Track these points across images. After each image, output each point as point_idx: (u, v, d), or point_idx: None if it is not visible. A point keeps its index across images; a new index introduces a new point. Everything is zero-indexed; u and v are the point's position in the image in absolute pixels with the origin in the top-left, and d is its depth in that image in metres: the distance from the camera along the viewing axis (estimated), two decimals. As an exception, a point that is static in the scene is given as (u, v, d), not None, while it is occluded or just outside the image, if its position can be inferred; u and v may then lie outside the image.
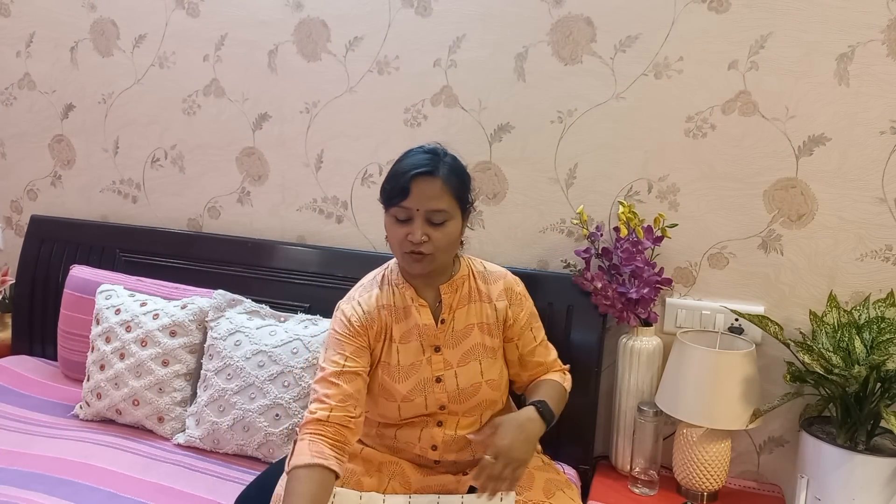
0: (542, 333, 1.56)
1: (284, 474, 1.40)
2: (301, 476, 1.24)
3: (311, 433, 1.30)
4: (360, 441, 1.53)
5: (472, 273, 1.49)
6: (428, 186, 1.33)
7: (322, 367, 1.39)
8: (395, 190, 1.35)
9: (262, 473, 1.53)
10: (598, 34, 1.81)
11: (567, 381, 1.56)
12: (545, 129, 1.88)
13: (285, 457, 1.56)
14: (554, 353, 1.58)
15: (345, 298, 1.49)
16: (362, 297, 1.46)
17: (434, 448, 1.46)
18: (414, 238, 1.33)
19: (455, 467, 1.49)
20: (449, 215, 1.36)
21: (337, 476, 1.28)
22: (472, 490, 1.44)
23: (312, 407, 1.34)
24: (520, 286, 1.53)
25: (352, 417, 1.33)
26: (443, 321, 1.44)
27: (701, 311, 1.81)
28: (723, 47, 1.72)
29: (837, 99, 1.66)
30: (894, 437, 1.59)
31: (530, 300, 1.55)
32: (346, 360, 1.38)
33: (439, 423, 1.45)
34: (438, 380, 1.43)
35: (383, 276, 1.49)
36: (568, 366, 1.60)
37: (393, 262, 1.50)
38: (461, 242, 1.45)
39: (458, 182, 1.39)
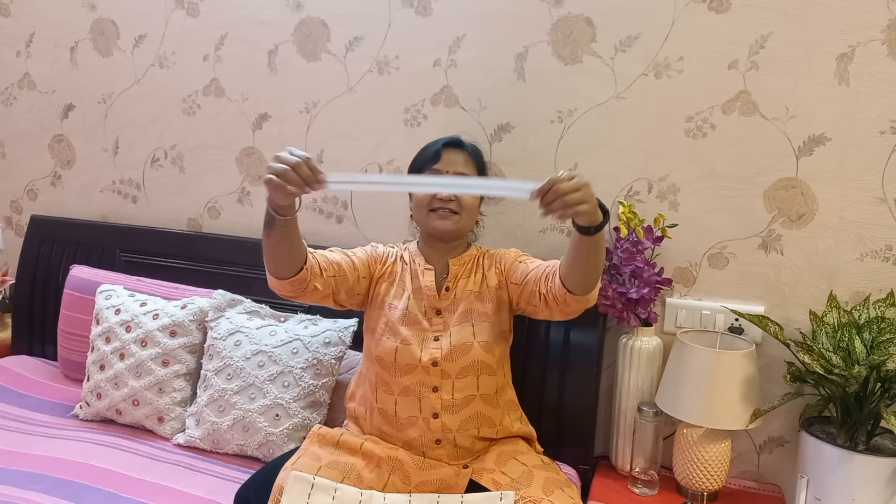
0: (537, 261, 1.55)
1: (287, 468, 1.43)
2: None
3: None
4: (362, 430, 1.58)
5: (479, 255, 1.63)
6: (456, 154, 1.57)
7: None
8: (428, 156, 1.56)
9: (262, 468, 1.55)
10: (598, 34, 1.81)
11: None
12: (545, 129, 1.88)
13: (285, 453, 1.58)
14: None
15: None
16: (390, 248, 1.67)
17: (435, 416, 1.49)
18: (442, 195, 1.51)
19: (456, 452, 1.51)
20: None
21: (306, 260, 1.43)
22: (471, 486, 1.44)
23: None
24: (511, 249, 1.64)
25: (323, 269, 1.47)
26: (447, 289, 1.56)
27: (701, 311, 1.81)
28: (723, 47, 1.72)
29: (837, 99, 1.66)
30: (894, 437, 1.59)
31: (517, 252, 1.62)
32: (351, 254, 1.58)
33: (435, 389, 1.50)
34: (436, 338, 1.52)
35: (406, 245, 1.68)
36: None
37: (412, 241, 1.68)
38: (476, 223, 1.63)
39: (480, 159, 1.62)
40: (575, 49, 1.83)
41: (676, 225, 1.80)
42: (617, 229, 1.80)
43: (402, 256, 1.63)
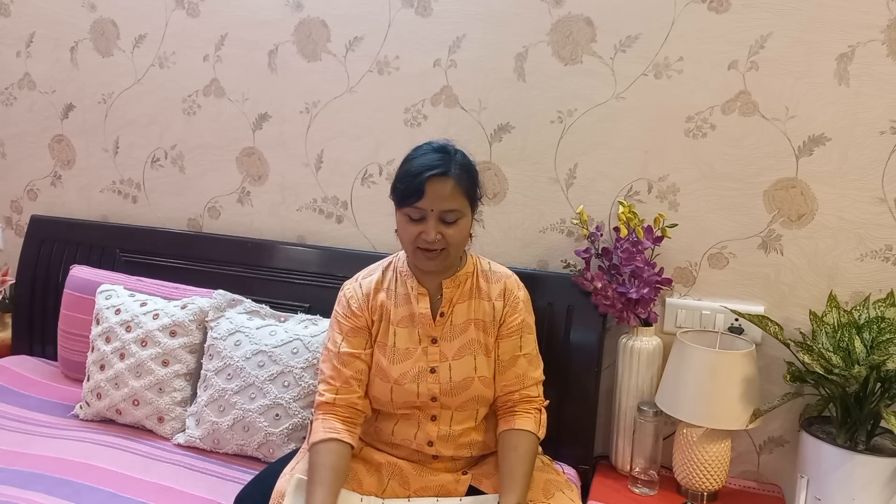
0: (530, 347, 1.50)
1: (286, 473, 1.43)
2: (320, 450, 1.38)
3: (322, 413, 1.44)
4: (359, 439, 1.55)
5: (477, 271, 1.52)
6: (441, 187, 1.37)
7: (326, 346, 1.51)
8: (409, 191, 1.38)
9: (261, 472, 1.54)
10: (598, 34, 1.81)
11: (542, 427, 1.47)
12: (545, 129, 1.88)
13: (285, 455, 1.58)
14: (537, 372, 1.50)
15: (350, 279, 1.56)
16: (365, 279, 1.54)
17: (430, 444, 1.47)
18: (428, 237, 1.38)
19: (454, 464, 1.50)
20: (461, 213, 1.40)
21: (352, 447, 1.41)
22: (471, 491, 1.44)
23: (321, 388, 1.48)
24: (521, 291, 1.53)
25: (357, 397, 1.45)
26: (442, 314, 1.47)
27: (701, 311, 1.81)
28: (723, 47, 1.72)
29: (837, 99, 1.66)
30: (894, 437, 1.59)
31: (529, 310, 1.52)
32: (343, 341, 1.48)
33: (433, 418, 1.47)
34: (433, 370, 1.46)
35: (390, 263, 1.55)
36: (546, 402, 1.51)
37: (402, 252, 1.53)
38: (470, 236, 1.47)
39: (469, 180, 1.43)
40: (575, 49, 1.83)
41: (676, 225, 1.80)
42: (617, 229, 1.80)
43: (380, 282, 1.52)
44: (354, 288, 1.52)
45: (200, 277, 2.13)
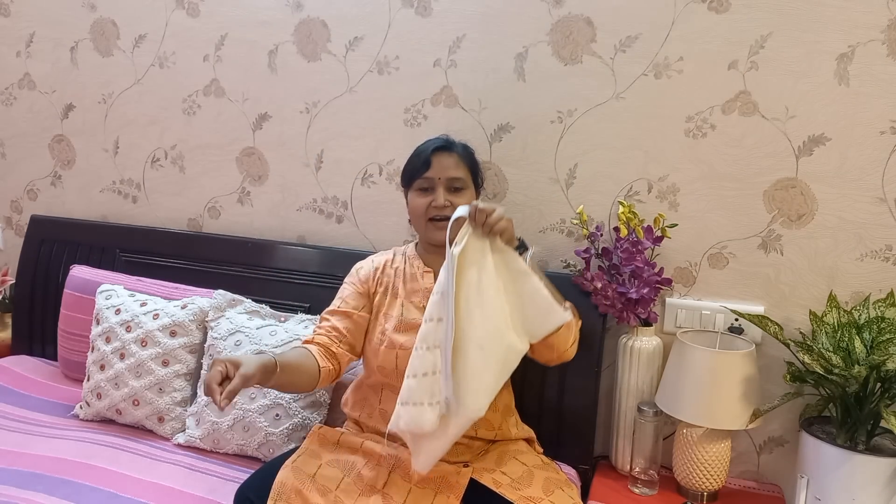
0: None
1: (288, 465, 1.47)
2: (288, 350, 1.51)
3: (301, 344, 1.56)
4: (362, 430, 1.58)
5: None
6: (446, 159, 1.56)
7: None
8: (418, 164, 1.56)
9: (262, 466, 1.55)
10: (598, 34, 1.81)
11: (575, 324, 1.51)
12: (545, 129, 1.88)
13: (285, 451, 1.58)
14: None
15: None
16: (377, 257, 1.68)
17: None
18: (437, 203, 1.52)
19: (455, 448, 1.50)
20: (466, 183, 1.57)
21: (319, 369, 1.48)
22: (471, 485, 1.44)
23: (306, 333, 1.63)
24: None
25: (333, 343, 1.54)
26: None
27: (701, 311, 1.81)
28: (723, 47, 1.72)
29: (837, 99, 1.66)
30: (894, 437, 1.59)
31: None
32: (341, 302, 1.60)
33: None
34: None
35: (401, 249, 1.69)
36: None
37: (411, 243, 1.68)
38: None
39: (471, 158, 1.62)
40: (575, 49, 1.83)
41: (676, 225, 1.80)
42: (617, 229, 1.80)
43: (390, 262, 1.64)
44: (366, 262, 1.67)
45: (200, 277, 2.13)
